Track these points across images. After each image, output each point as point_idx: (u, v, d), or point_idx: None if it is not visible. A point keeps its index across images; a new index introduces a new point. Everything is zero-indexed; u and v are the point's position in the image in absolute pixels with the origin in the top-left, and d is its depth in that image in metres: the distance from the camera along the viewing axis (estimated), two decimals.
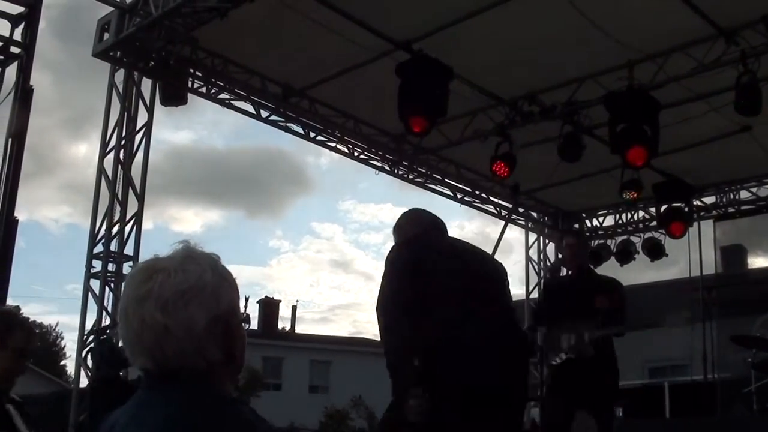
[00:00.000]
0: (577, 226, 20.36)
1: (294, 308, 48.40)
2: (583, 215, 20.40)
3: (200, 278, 2.07)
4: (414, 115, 11.87)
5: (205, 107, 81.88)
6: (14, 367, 4.37)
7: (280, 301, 46.26)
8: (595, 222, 20.38)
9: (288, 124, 15.39)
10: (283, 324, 46.60)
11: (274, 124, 15.27)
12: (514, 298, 6.26)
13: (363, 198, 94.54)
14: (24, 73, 10.80)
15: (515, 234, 22.42)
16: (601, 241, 19.65)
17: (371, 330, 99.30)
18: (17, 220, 9.03)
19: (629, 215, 19.56)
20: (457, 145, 15.56)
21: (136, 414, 2.02)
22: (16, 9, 10.97)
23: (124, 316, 2.04)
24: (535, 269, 20.58)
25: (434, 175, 17.57)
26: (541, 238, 20.62)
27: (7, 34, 11.05)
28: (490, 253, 6.70)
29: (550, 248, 20.55)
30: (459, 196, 18.37)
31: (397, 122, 12.25)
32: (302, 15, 11.84)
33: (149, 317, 1.99)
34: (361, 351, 42.27)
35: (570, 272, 9.95)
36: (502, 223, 20.59)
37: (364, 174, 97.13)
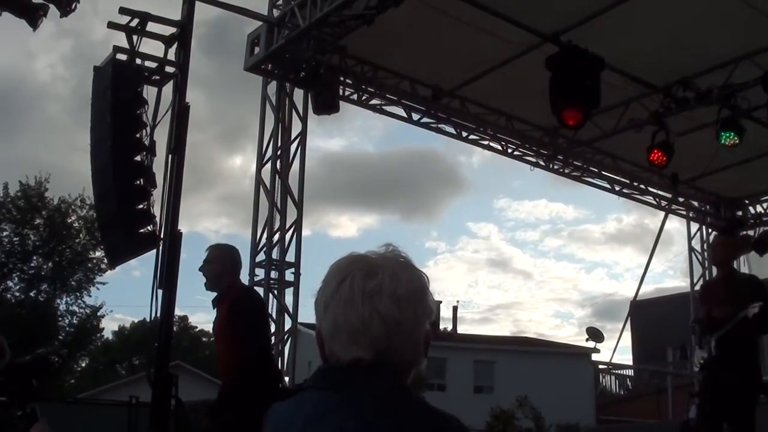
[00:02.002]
0: (740, 213, 19.81)
1: (455, 309, 48.25)
2: (746, 202, 19.80)
3: (421, 282, 2.17)
4: (567, 107, 11.70)
5: (355, 113, 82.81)
6: None
7: (441, 302, 46.31)
8: (758, 208, 19.77)
9: (440, 126, 15.44)
10: (445, 324, 46.63)
11: (425, 126, 15.34)
12: (677, 291, 6.43)
13: (517, 195, 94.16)
14: (179, 91, 11.04)
15: (675, 225, 22.00)
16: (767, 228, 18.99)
17: (533, 329, 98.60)
18: (181, 233, 9.23)
19: None
20: (612, 136, 15.32)
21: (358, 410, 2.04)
22: (169, 30, 11.24)
23: (350, 305, 2.09)
24: (698, 260, 20.09)
25: (590, 168, 17.35)
26: (704, 227, 20.10)
27: (161, 54, 11.33)
28: (652, 246, 7.85)
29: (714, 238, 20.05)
30: (617, 188, 18.09)
31: (550, 116, 12.10)
32: (447, 15, 11.84)
33: (385, 310, 2.07)
34: (524, 350, 41.99)
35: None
36: (662, 214, 20.22)
37: (516, 171, 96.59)
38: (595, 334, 31.78)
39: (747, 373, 8.49)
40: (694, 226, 20.21)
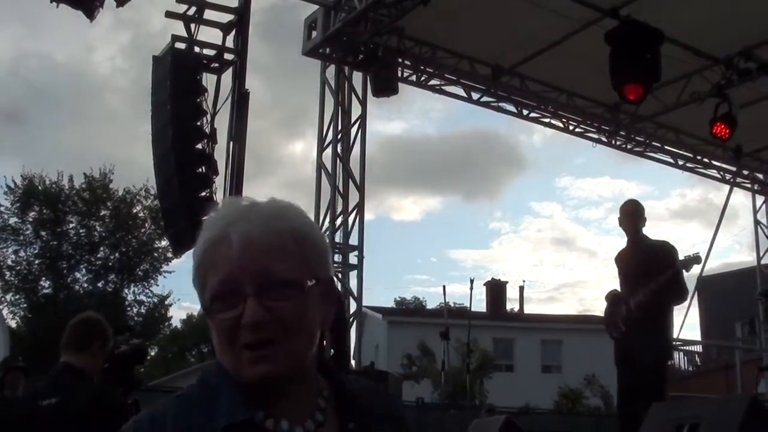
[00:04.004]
0: None
1: (521, 289, 48.04)
2: None
3: None
4: (628, 82, 11.57)
5: (414, 96, 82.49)
6: None
7: (507, 282, 46.14)
8: None
9: (500, 104, 15.37)
10: (511, 305, 46.50)
11: (485, 105, 15.28)
12: (744, 265, 6.22)
13: (579, 173, 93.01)
14: (239, 78, 11.12)
15: (740, 198, 21.78)
16: None
17: (599, 307, 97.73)
18: None
19: None
20: (674, 110, 15.12)
21: None
22: (226, 17, 11.30)
23: None
24: (764, 233, 19.83)
25: (653, 143, 17.16)
26: None
27: (219, 42, 11.40)
28: (717, 220, 7.62)
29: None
30: (680, 163, 17.88)
31: (611, 92, 11.97)
32: None
33: None
34: (591, 329, 41.62)
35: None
36: (726, 188, 19.94)
37: (578, 148, 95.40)
38: None
39: (657, 349, 8.18)
40: (759, 199, 19.94)
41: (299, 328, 1.68)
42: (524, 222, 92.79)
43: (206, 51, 11.31)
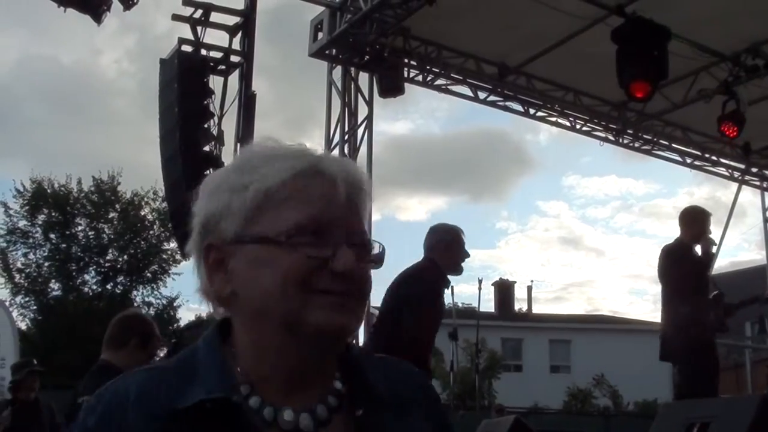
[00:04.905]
0: None
1: (529, 288, 48.06)
2: None
3: None
4: (635, 80, 11.54)
5: (420, 96, 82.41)
6: None
7: (515, 282, 46.15)
8: None
9: (506, 103, 15.33)
10: (519, 305, 46.52)
11: (492, 104, 15.24)
12: (753, 264, 6.25)
13: (586, 172, 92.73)
14: (246, 79, 11.15)
15: (748, 196, 21.66)
16: None
17: (607, 306, 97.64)
18: None
19: None
20: (682, 108, 15.08)
21: None
22: (233, 20, 11.32)
23: None
24: None
25: (660, 141, 17.10)
26: None
27: (225, 44, 11.42)
28: (725, 219, 7.70)
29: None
30: (688, 161, 17.81)
31: (618, 90, 11.96)
32: None
33: None
34: (600, 329, 41.76)
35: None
36: (734, 186, 19.86)
37: (584, 147, 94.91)
38: None
39: None
40: None
41: (368, 294, 1.53)
42: (531, 221, 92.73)
43: (213, 53, 11.34)
